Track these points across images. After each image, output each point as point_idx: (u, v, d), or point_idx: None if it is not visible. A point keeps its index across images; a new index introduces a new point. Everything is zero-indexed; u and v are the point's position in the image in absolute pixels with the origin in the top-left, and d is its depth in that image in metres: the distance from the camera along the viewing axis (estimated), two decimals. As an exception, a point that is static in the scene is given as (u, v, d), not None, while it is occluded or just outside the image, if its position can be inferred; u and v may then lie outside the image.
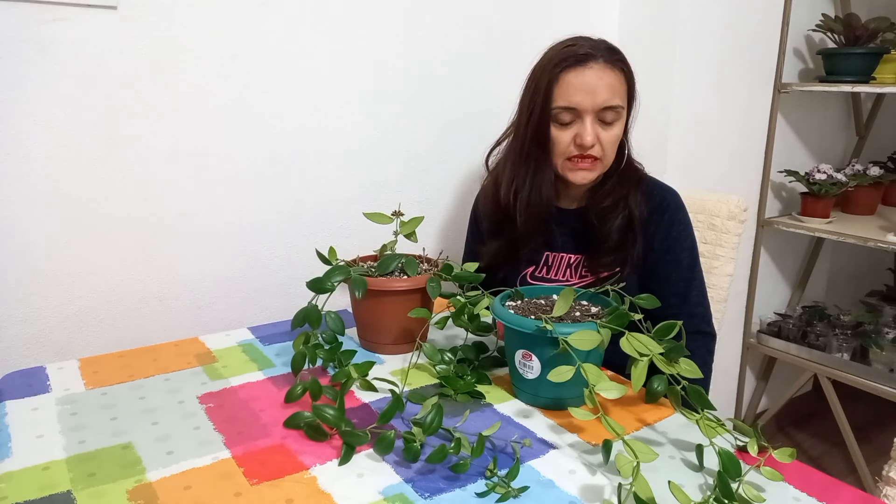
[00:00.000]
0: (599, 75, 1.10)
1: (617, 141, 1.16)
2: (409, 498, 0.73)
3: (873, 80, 1.90)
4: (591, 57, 1.10)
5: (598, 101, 1.10)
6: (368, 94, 1.44)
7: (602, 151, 1.14)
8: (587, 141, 1.11)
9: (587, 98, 1.10)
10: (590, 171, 1.16)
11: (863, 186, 2.07)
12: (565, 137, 1.13)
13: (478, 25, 1.55)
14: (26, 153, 1.11)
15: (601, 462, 0.80)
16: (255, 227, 1.36)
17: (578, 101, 1.10)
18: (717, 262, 1.50)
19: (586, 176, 1.16)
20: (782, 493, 0.75)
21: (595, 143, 1.12)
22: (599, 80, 1.10)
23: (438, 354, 1.01)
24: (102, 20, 1.13)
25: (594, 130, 1.12)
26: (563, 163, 1.16)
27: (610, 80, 1.11)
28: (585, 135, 1.11)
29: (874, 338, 1.90)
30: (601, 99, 1.10)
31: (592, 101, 1.10)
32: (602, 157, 1.15)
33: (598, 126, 1.12)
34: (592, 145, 1.12)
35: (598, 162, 1.15)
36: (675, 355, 0.85)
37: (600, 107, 1.11)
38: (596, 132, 1.12)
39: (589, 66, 1.10)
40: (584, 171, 1.15)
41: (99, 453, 0.80)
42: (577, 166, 1.15)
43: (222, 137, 1.28)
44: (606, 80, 1.10)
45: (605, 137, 1.13)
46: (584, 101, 1.10)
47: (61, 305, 1.19)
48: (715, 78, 1.78)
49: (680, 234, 1.20)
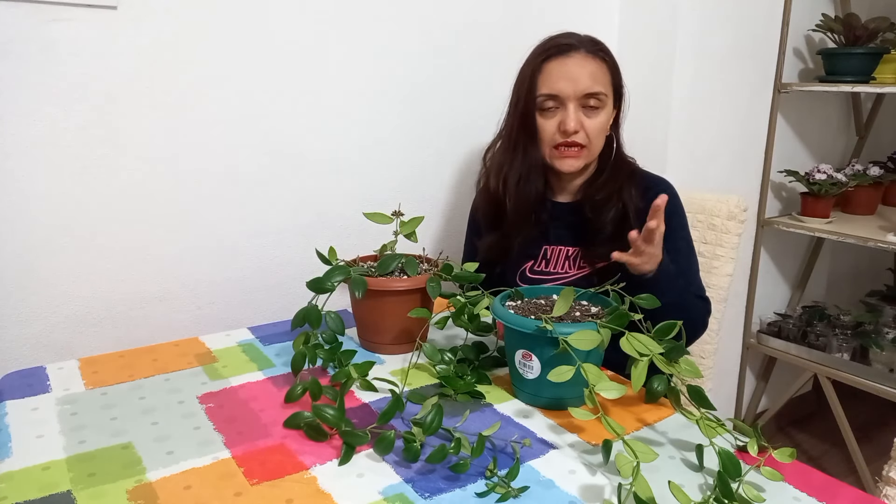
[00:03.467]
0: (581, 63, 1.15)
1: (602, 129, 1.19)
2: (409, 498, 0.73)
3: (873, 80, 1.90)
4: (573, 47, 1.16)
5: (580, 88, 1.14)
6: (369, 95, 1.44)
7: (587, 139, 1.17)
8: (570, 126, 1.15)
9: (569, 85, 1.14)
10: (576, 158, 1.19)
11: (863, 186, 2.06)
12: (550, 125, 1.18)
13: (478, 26, 1.55)
14: (26, 153, 1.11)
15: (601, 462, 0.80)
16: (255, 228, 1.36)
17: (560, 87, 1.15)
18: (717, 262, 1.50)
19: (573, 164, 1.19)
20: (782, 493, 0.75)
21: (579, 130, 1.16)
22: (581, 67, 1.15)
23: (438, 354, 1.01)
24: (102, 20, 1.13)
25: (577, 117, 1.16)
26: (551, 151, 1.20)
27: (591, 68, 1.15)
28: (568, 121, 1.15)
29: (874, 338, 1.90)
30: (582, 86, 1.14)
31: (574, 87, 1.14)
32: (588, 145, 1.18)
33: (581, 113, 1.16)
34: (576, 131, 1.16)
35: (584, 150, 1.18)
36: (675, 355, 0.85)
37: (582, 93, 1.15)
38: (579, 119, 1.16)
39: (570, 55, 1.16)
40: (570, 159, 1.19)
41: (99, 453, 0.80)
42: (564, 154, 1.18)
43: (223, 137, 1.29)
44: (588, 68, 1.15)
45: (590, 125, 1.17)
46: (566, 88, 1.15)
47: (61, 305, 1.19)
48: (715, 78, 1.78)
49: (677, 224, 1.22)
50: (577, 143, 1.17)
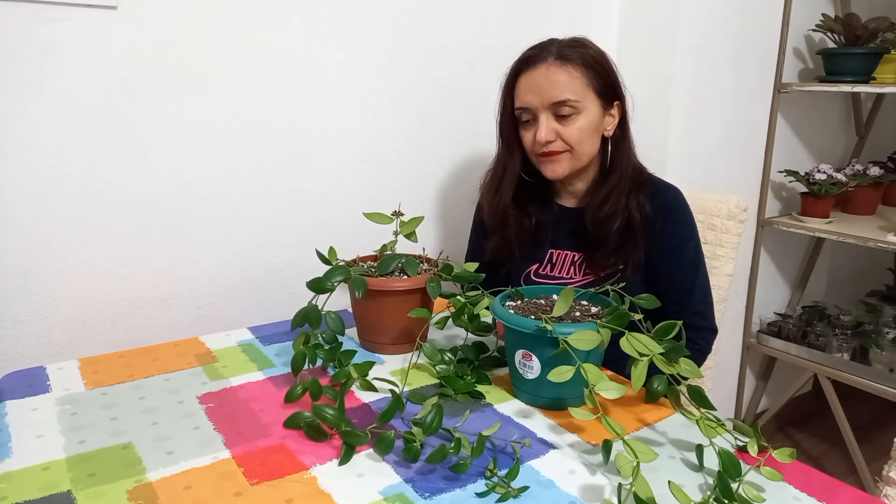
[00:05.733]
0: (546, 74, 1.15)
1: (585, 133, 1.17)
2: (409, 498, 0.73)
3: (873, 80, 1.90)
4: (539, 58, 1.16)
5: (546, 98, 1.15)
6: (369, 95, 1.44)
7: (566, 145, 1.18)
8: (540, 137, 1.16)
9: (535, 97, 1.16)
10: (558, 163, 1.20)
11: (863, 186, 2.06)
12: (528, 136, 1.20)
13: (478, 27, 1.55)
14: (26, 153, 1.11)
15: (601, 462, 0.80)
16: (255, 227, 1.36)
17: (528, 100, 1.17)
18: (717, 262, 1.50)
19: (556, 169, 1.20)
20: (782, 493, 0.75)
21: (553, 139, 1.17)
22: (545, 78, 1.15)
23: (438, 354, 1.00)
24: (102, 20, 1.13)
25: (548, 126, 1.16)
26: (536, 159, 1.22)
27: (559, 76, 1.15)
28: (539, 131, 1.17)
29: (874, 338, 1.90)
30: (547, 96, 1.15)
31: (540, 98, 1.15)
32: (571, 150, 1.18)
33: (555, 122, 1.17)
34: (549, 140, 1.16)
35: (566, 154, 1.19)
36: (675, 355, 0.85)
37: (549, 102, 1.15)
38: (552, 128, 1.16)
39: (537, 66, 1.16)
40: (553, 164, 1.20)
41: (99, 453, 0.80)
42: (546, 160, 1.20)
43: (223, 138, 1.28)
44: (554, 77, 1.15)
45: (566, 132, 1.17)
46: (533, 101, 1.16)
47: (61, 305, 1.19)
48: (715, 78, 1.78)
49: (686, 234, 1.22)
50: (556, 150, 1.18)
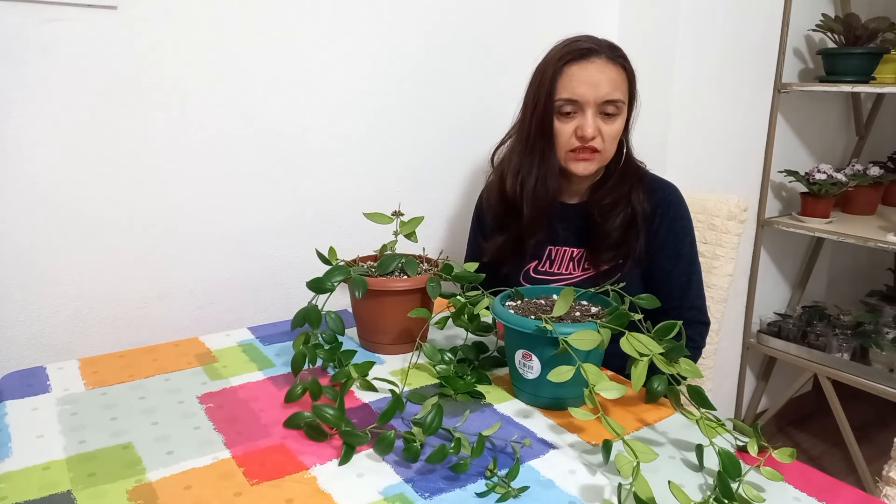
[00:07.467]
0: (602, 69, 1.14)
1: (618, 135, 1.19)
2: (409, 498, 0.73)
3: (873, 80, 1.90)
4: (594, 52, 1.15)
5: (600, 94, 1.13)
6: (369, 95, 1.44)
7: (603, 144, 1.17)
8: (588, 133, 1.14)
9: (589, 90, 1.13)
10: (590, 161, 1.19)
11: (863, 186, 2.06)
12: (567, 129, 1.17)
13: (478, 27, 1.55)
14: (26, 153, 1.11)
15: (601, 462, 0.80)
16: (255, 228, 1.36)
17: (581, 93, 1.14)
18: (716, 262, 1.50)
19: (587, 167, 1.19)
20: (782, 493, 0.75)
21: (596, 136, 1.15)
22: (601, 73, 1.13)
23: (438, 354, 1.00)
24: (102, 20, 1.13)
25: (595, 123, 1.15)
26: (566, 154, 1.19)
27: (612, 74, 1.14)
28: (587, 126, 1.14)
29: (874, 338, 1.90)
30: (603, 92, 1.13)
31: (595, 93, 1.13)
32: (602, 150, 1.18)
33: (599, 119, 1.15)
34: (593, 137, 1.15)
35: (598, 154, 1.18)
36: (675, 355, 0.85)
37: (602, 100, 1.14)
38: (597, 125, 1.15)
39: (592, 60, 1.14)
40: (584, 162, 1.19)
41: (99, 453, 0.80)
42: (579, 157, 1.18)
43: (222, 138, 1.28)
44: (608, 74, 1.14)
45: (607, 131, 1.16)
46: (586, 94, 1.14)
47: (61, 305, 1.19)
48: (715, 78, 1.78)
49: (682, 229, 1.23)
50: (593, 147, 1.16)
